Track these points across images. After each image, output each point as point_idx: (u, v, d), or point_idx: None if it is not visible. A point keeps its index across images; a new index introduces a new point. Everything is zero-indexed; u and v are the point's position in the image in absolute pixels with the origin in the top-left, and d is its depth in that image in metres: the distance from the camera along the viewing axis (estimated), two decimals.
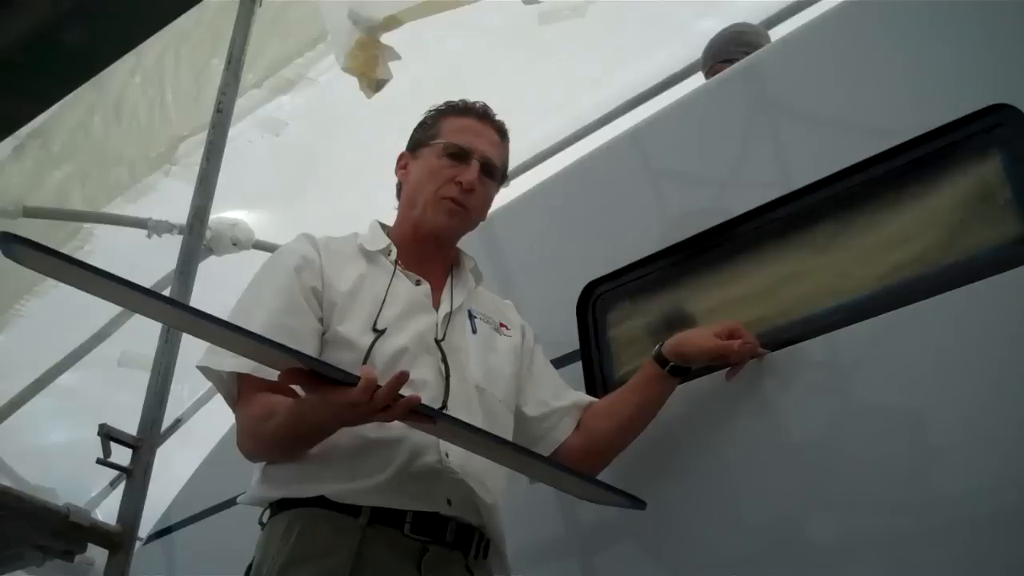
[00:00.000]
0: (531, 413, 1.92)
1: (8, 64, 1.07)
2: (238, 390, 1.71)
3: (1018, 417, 1.60)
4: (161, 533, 3.52)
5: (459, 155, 1.89)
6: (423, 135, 1.97)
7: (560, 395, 1.97)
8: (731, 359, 1.87)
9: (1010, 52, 1.80)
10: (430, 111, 2.00)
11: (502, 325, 1.97)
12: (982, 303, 1.69)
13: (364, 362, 1.69)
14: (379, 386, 1.44)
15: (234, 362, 1.66)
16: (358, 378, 1.44)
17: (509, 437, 1.83)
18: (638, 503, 1.72)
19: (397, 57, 2.88)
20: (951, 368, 1.71)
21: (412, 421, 1.52)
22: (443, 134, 1.93)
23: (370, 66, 2.85)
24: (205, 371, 1.72)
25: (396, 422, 1.52)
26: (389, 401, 1.45)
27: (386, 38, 2.86)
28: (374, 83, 2.88)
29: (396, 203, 2.00)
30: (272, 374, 1.60)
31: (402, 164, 1.99)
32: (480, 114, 1.96)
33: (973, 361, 1.68)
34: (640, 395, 1.92)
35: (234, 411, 1.74)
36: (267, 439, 1.66)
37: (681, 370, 1.89)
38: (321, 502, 1.63)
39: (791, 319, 1.94)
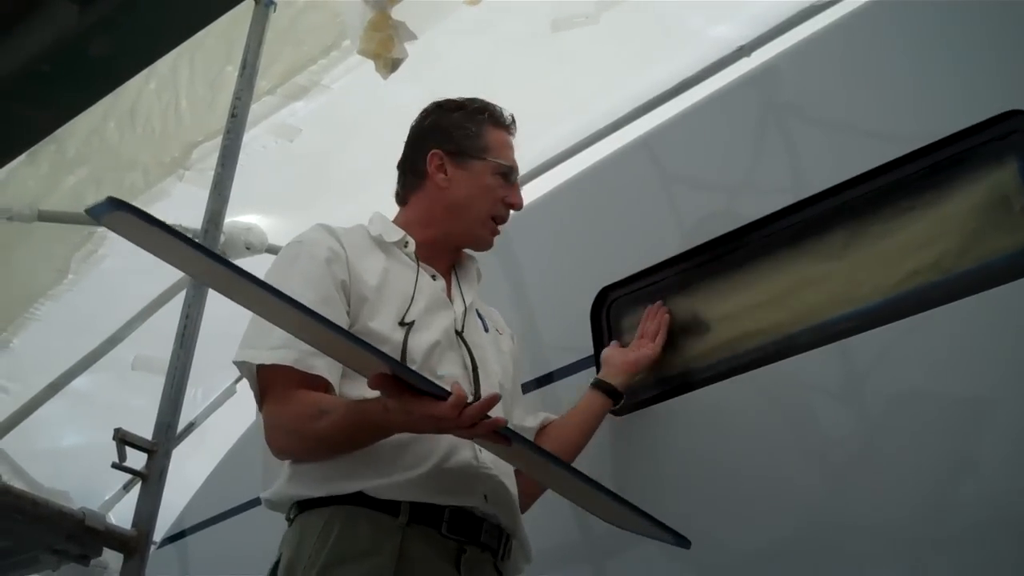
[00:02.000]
0: (528, 424, 1.99)
1: (34, 75, 1.08)
2: (267, 384, 1.66)
3: None
4: (175, 537, 3.53)
5: (508, 175, 1.91)
6: (469, 144, 1.90)
7: (531, 415, 2.03)
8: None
9: None
10: (468, 111, 1.94)
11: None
12: (997, 310, 1.69)
13: (402, 357, 1.68)
14: (468, 403, 1.43)
15: (272, 354, 1.63)
16: (448, 392, 1.42)
17: None
18: (683, 541, 1.71)
19: (413, 36, 2.81)
20: (965, 375, 1.71)
21: (488, 441, 1.51)
22: (492, 149, 1.90)
23: (385, 46, 2.78)
24: (241, 365, 1.68)
25: None
26: (477, 420, 1.43)
27: (397, 12, 2.80)
28: (390, 63, 2.81)
29: (401, 190, 1.96)
30: (310, 367, 1.60)
31: (437, 164, 1.90)
32: (514, 130, 1.97)
33: (988, 368, 1.68)
34: (591, 425, 2.03)
35: (262, 406, 1.69)
36: (313, 437, 1.62)
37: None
38: (359, 498, 1.60)
39: (805, 325, 1.95)
